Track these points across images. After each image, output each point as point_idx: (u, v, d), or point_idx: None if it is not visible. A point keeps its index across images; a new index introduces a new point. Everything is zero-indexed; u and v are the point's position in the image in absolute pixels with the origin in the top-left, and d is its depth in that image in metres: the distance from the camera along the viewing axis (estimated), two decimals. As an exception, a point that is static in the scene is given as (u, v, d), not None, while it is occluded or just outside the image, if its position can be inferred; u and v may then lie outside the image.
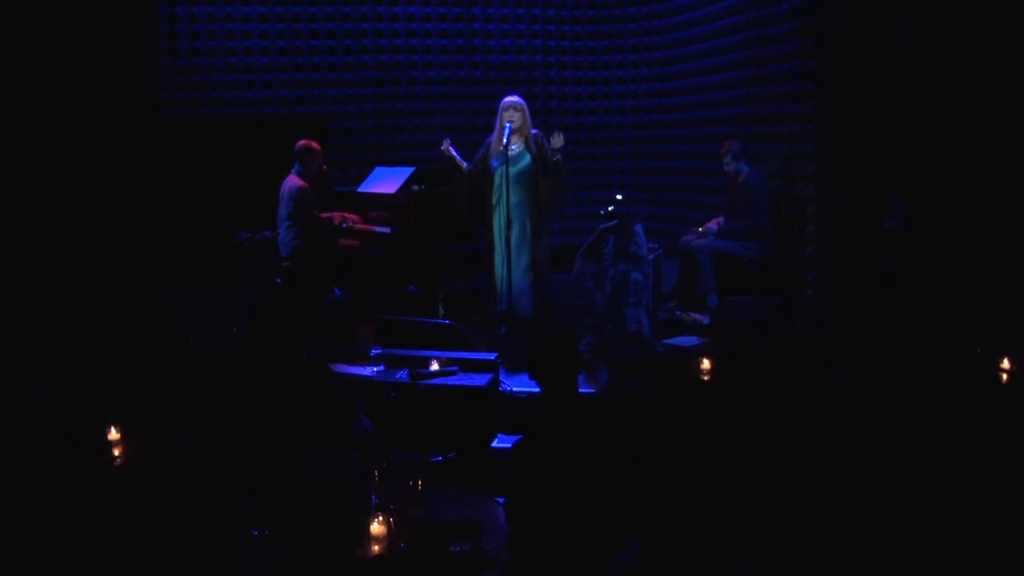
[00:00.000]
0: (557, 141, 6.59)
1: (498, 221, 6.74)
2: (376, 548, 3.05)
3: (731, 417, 4.49)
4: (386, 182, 7.54)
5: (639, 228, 6.47)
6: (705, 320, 7.04)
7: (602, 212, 6.65)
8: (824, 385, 4.75)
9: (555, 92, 9.43)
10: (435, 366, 5.25)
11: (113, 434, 3.92)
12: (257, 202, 7.48)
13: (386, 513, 3.09)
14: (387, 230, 7.31)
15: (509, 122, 6.59)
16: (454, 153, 6.83)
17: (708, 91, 8.59)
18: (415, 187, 7.40)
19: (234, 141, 8.27)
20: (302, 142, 7.26)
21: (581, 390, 3.90)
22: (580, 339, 6.41)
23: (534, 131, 6.77)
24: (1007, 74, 5.81)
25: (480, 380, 5.17)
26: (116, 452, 3.87)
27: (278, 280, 7.20)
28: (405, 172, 7.49)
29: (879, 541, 3.38)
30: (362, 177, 7.92)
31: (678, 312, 7.28)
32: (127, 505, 3.49)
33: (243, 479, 3.74)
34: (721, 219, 7.35)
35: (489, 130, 7.00)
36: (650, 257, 6.62)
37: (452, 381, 5.17)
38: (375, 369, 5.31)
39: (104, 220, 7.36)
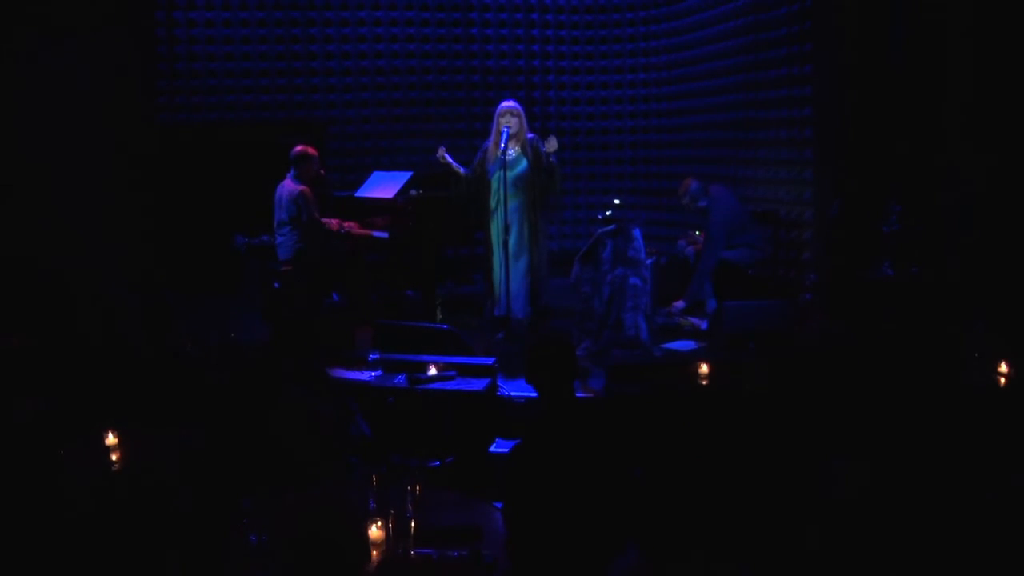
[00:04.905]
0: (551, 145, 6.60)
1: (496, 226, 6.74)
2: (375, 554, 3.05)
3: (729, 422, 4.49)
4: (384, 187, 7.53)
5: (637, 233, 6.48)
6: (703, 325, 7.04)
7: (600, 217, 6.66)
8: (820, 389, 4.76)
9: (553, 97, 9.44)
10: (433, 371, 5.25)
11: (111, 439, 3.92)
12: (255, 207, 7.48)
13: (385, 518, 3.09)
14: (385, 235, 7.30)
15: (506, 127, 6.60)
16: (450, 160, 6.85)
17: (705, 96, 8.60)
18: (413, 192, 7.40)
19: (232, 146, 8.28)
20: (298, 148, 7.27)
21: (577, 395, 3.90)
22: (578, 344, 6.41)
23: (530, 135, 6.78)
24: (1004, 79, 5.82)
25: (478, 385, 5.17)
26: (114, 457, 3.87)
27: (276, 285, 7.19)
28: (403, 177, 7.48)
29: (878, 545, 3.38)
30: (360, 182, 7.92)
31: (676, 317, 7.29)
32: (124, 510, 3.49)
33: (242, 484, 3.74)
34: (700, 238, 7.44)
35: (487, 135, 7.01)
36: (648, 262, 6.63)
37: (450, 386, 5.17)
38: (373, 374, 5.30)
39: (102, 225, 7.37)
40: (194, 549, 3.30)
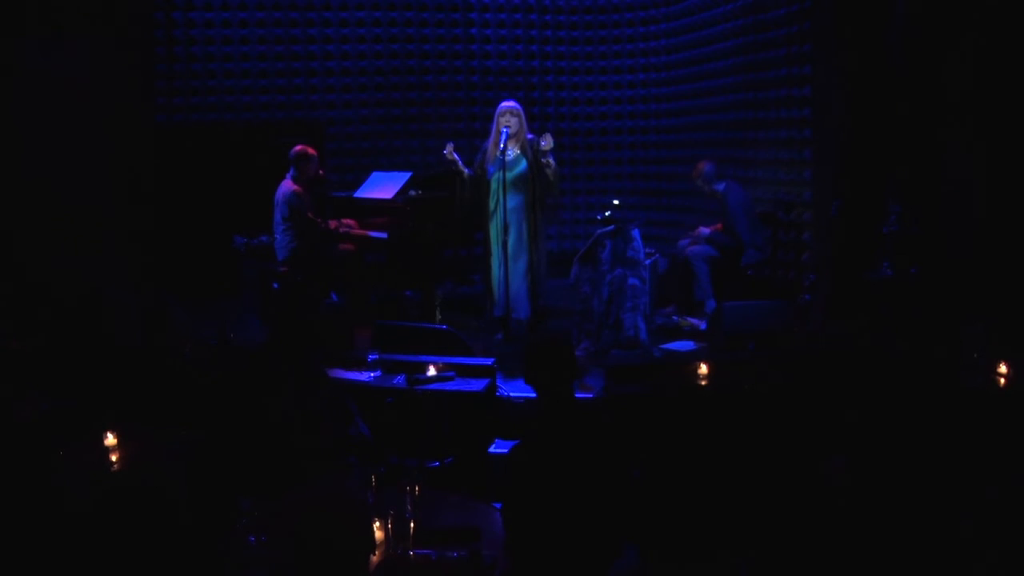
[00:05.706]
0: (547, 143, 6.59)
1: (495, 226, 6.74)
2: (375, 554, 3.05)
3: (727, 421, 4.49)
4: (383, 187, 7.53)
5: (636, 233, 6.48)
6: (702, 325, 7.04)
7: (599, 217, 6.66)
8: (820, 389, 4.76)
9: (552, 98, 9.44)
10: (432, 371, 5.25)
11: (110, 440, 3.92)
12: (254, 207, 7.48)
13: (384, 519, 3.09)
14: (384, 235, 7.31)
15: (506, 127, 6.60)
16: (456, 157, 6.84)
17: (705, 96, 8.61)
18: (412, 192, 7.40)
19: (231, 146, 8.28)
20: (298, 148, 7.27)
21: (577, 395, 3.89)
22: (577, 344, 6.41)
23: (530, 136, 6.78)
24: (1003, 79, 5.83)
25: (477, 385, 5.17)
26: (113, 458, 3.87)
27: (275, 285, 7.20)
28: (402, 177, 7.48)
29: (877, 545, 3.38)
30: (359, 182, 7.93)
31: (675, 317, 7.30)
32: (124, 511, 3.49)
33: (241, 485, 3.74)
34: (717, 226, 7.41)
35: (487, 135, 7.01)
36: (647, 262, 6.63)
37: (449, 386, 5.17)
38: (372, 374, 5.30)
39: (101, 225, 7.36)
40: (194, 549, 3.30)
